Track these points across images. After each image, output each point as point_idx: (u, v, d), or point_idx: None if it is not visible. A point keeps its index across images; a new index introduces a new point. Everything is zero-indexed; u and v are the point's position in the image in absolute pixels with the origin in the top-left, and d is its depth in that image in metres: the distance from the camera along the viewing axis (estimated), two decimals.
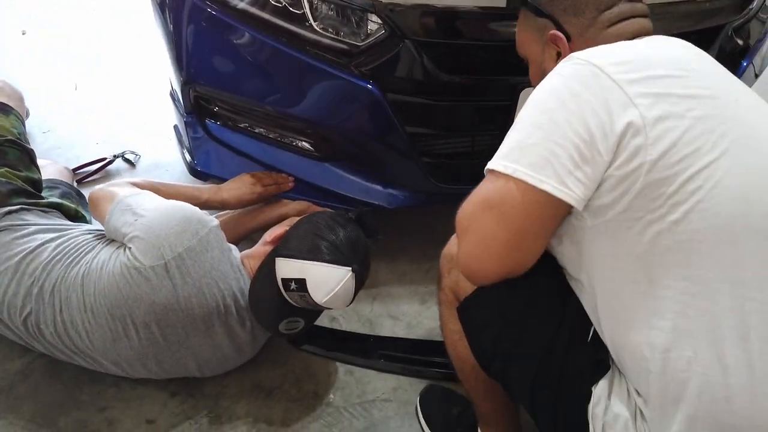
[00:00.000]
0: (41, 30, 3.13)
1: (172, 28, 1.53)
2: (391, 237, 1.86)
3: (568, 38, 0.99)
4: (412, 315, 1.63)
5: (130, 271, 1.21)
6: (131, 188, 1.39)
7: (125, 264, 1.22)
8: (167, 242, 1.21)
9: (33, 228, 1.36)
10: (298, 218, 1.40)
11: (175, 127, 1.88)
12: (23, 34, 3.10)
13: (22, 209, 1.40)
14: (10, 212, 1.37)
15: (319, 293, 1.27)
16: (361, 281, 1.32)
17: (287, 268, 1.29)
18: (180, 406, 1.36)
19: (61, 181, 1.78)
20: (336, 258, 1.27)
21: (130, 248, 1.23)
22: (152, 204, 1.31)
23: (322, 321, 1.57)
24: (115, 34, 3.15)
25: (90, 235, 1.37)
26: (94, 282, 1.24)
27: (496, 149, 0.88)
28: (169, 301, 1.21)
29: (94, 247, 1.32)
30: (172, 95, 1.82)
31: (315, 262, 1.27)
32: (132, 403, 1.37)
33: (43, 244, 1.32)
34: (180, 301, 1.22)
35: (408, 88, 1.40)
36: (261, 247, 1.38)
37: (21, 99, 1.94)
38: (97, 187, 1.41)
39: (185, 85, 1.58)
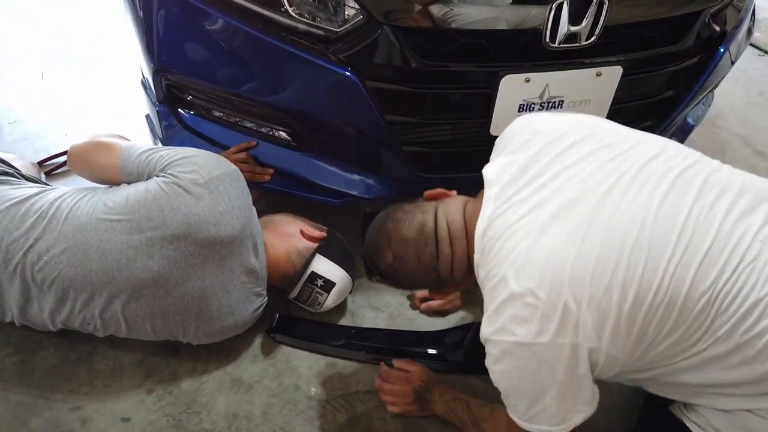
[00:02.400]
0: (4, 16, 3.03)
1: (141, 14, 1.47)
2: None
3: None
4: (393, 306, 1.61)
5: (170, 185, 1.25)
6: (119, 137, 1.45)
7: (163, 181, 1.27)
8: (205, 166, 1.28)
9: (28, 184, 1.41)
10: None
11: (147, 116, 1.83)
12: None
13: (4, 172, 1.41)
14: (4, 172, 1.41)
15: (333, 298, 1.48)
16: None
17: (325, 266, 1.44)
18: (157, 402, 1.33)
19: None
20: (353, 277, 1.51)
21: (167, 172, 1.28)
22: (169, 147, 1.36)
23: (303, 313, 1.55)
24: (81, 22, 3.05)
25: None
26: (121, 203, 1.26)
27: (477, 137, 0.87)
28: (204, 213, 1.24)
29: (99, 189, 1.36)
30: (144, 84, 1.76)
31: (347, 274, 1.48)
32: (106, 401, 1.33)
33: (45, 191, 1.35)
34: (215, 216, 1.25)
35: (387, 75, 1.37)
36: (288, 228, 1.48)
37: None
38: (77, 143, 1.43)
39: (157, 73, 1.53)
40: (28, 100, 2.39)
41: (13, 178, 1.42)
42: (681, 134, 1.94)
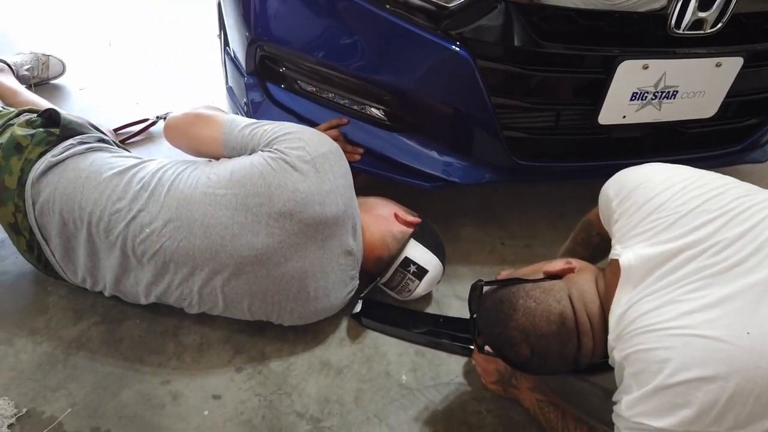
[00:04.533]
0: None
1: None
2: (453, 218, 1.79)
3: None
4: None
5: (277, 161, 1.22)
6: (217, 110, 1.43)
7: (270, 156, 1.23)
8: (311, 143, 1.25)
9: (125, 153, 1.39)
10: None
11: (229, 89, 1.79)
12: None
13: (101, 140, 1.40)
14: (101, 139, 1.40)
15: (424, 286, 1.42)
16: None
17: (418, 252, 1.39)
18: (247, 381, 1.29)
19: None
20: (444, 265, 1.45)
21: (273, 147, 1.25)
22: (271, 122, 1.34)
23: (386, 299, 1.50)
24: None
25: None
26: (225, 177, 1.23)
27: (582, 126, 0.81)
28: (311, 191, 1.21)
29: (200, 163, 1.32)
30: (229, 54, 1.72)
31: (440, 262, 1.42)
32: (196, 377, 1.30)
33: (144, 161, 1.32)
34: (321, 194, 1.22)
35: (500, 54, 1.31)
36: (383, 210, 1.43)
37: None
38: (176, 114, 1.41)
39: (252, 43, 1.48)
40: (97, 67, 2.37)
41: (111, 146, 1.38)
42: None
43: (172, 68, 2.43)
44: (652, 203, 0.99)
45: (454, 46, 1.29)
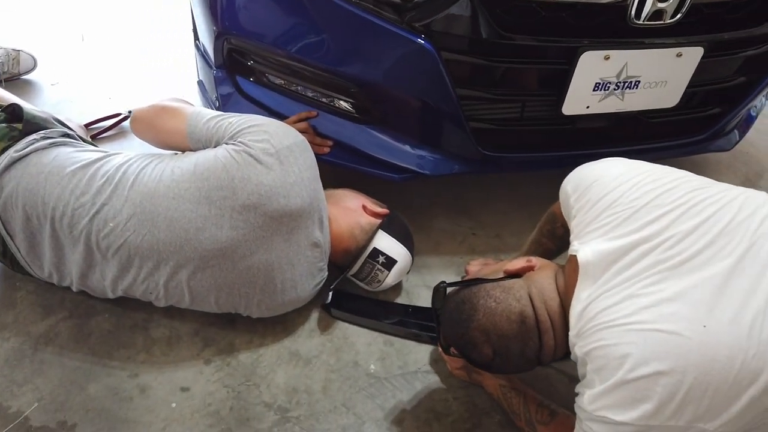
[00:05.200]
0: None
1: None
2: (426, 208, 1.81)
3: None
4: None
5: (241, 154, 1.22)
6: (184, 102, 1.42)
7: (234, 149, 1.23)
8: (276, 135, 1.25)
9: (90, 147, 1.38)
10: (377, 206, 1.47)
11: (200, 82, 1.78)
12: None
13: (65, 134, 1.39)
14: (65, 134, 1.38)
15: (394, 276, 1.43)
16: None
17: (387, 243, 1.40)
18: (216, 373, 1.30)
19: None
20: (413, 256, 1.46)
21: (237, 140, 1.25)
22: (237, 114, 1.33)
23: (357, 290, 1.51)
24: None
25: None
26: (189, 171, 1.23)
27: (547, 116, 0.82)
28: (275, 183, 1.21)
29: (165, 156, 1.32)
30: (199, 48, 1.72)
31: (408, 252, 1.44)
32: (165, 370, 1.30)
33: (109, 155, 1.32)
34: (286, 187, 1.22)
35: (464, 46, 1.32)
36: (351, 202, 1.44)
37: None
38: (142, 107, 1.40)
39: (218, 37, 1.48)
40: (69, 62, 2.35)
41: (75, 140, 1.38)
42: (743, 126, 1.88)
43: (146, 62, 2.42)
44: (607, 199, 1.00)
45: (417, 39, 1.30)
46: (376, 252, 1.39)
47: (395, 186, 1.60)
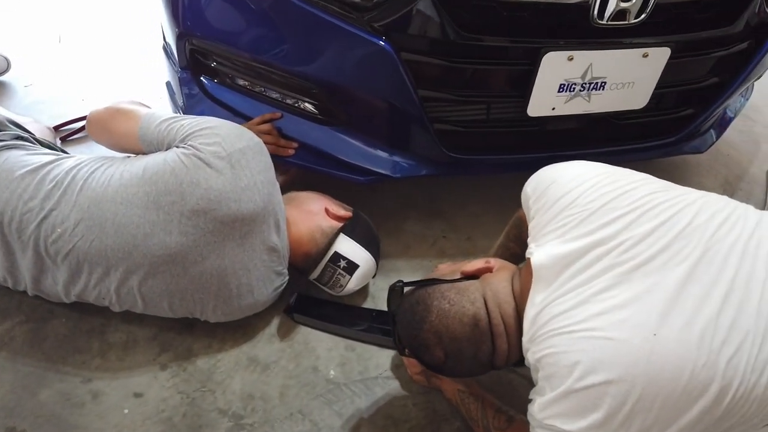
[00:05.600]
0: None
1: None
2: (398, 211, 1.78)
3: None
4: None
5: (190, 158, 1.19)
6: (140, 105, 1.39)
7: (184, 153, 1.20)
8: (228, 138, 1.21)
9: (44, 150, 1.35)
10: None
11: (168, 84, 1.77)
12: None
13: (18, 137, 1.36)
14: (19, 137, 1.36)
15: (356, 281, 1.40)
16: None
17: (348, 247, 1.37)
18: (171, 379, 1.28)
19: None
20: (377, 260, 1.43)
21: (187, 143, 1.22)
22: (191, 116, 1.30)
23: (322, 294, 1.49)
24: None
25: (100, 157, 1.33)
26: (138, 175, 1.21)
27: (512, 118, 0.80)
28: (225, 188, 1.18)
29: (117, 159, 1.30)
30: (165, 49, 1.70)
31: (371, 256, 1.40)
32: (119, 375, 1.28)
33: (61, 158, 1.29)
34: (237, 191, 1.19)
35: (423, 47, 1.30)
36: (313, 205, 1.41)
37: None
38: (97, 109, 1.37)
39: (180, 38, 1.47)
40: (45, 64, 2.34)
41: (28, 143, 1.36)
42: (720, 127, 1.86)
43: (121, 64, 2.40)
44: (563, 200, 0.97)
45: (377, 39, 1.28)
46: (338, 256, 1.37)
47: (368, 188, 1.58)
